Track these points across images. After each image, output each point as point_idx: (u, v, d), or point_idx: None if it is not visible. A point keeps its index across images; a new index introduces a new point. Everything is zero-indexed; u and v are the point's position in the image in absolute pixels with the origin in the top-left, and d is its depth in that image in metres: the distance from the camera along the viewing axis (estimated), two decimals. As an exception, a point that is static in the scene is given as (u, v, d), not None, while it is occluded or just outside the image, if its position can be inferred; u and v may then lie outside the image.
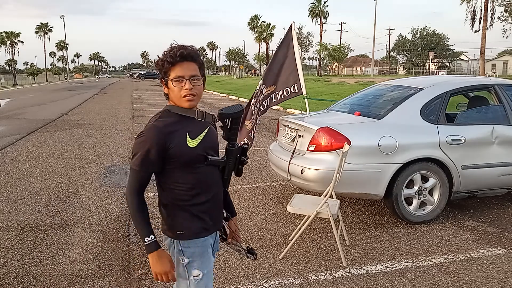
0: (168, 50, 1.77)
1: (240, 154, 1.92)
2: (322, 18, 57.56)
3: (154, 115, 1.86)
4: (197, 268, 1.85)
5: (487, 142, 4.46)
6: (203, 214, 1.85)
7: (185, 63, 1.76)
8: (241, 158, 1.92)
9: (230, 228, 2.10)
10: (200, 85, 1.81)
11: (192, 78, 1.76)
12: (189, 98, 1.77)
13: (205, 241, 1.88)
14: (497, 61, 60.66)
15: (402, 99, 4.58)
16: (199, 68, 1.80)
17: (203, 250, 1.87)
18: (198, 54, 1.82)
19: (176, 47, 1.77)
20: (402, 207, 4.26)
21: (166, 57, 1.76)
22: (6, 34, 66.98)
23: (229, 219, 2.10)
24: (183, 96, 1.77)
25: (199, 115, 1.82)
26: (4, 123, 13.44)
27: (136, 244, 3.96)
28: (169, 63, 1.75)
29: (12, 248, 3.88)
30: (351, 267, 3.45)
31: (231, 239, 2.11)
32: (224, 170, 1.91)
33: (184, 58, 1.75)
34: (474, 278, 3.26)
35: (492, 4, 32.61)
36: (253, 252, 2.09)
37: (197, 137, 1.82)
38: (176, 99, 1.79)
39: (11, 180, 6.32)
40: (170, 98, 1.82)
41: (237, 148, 1.88)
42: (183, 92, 1.76)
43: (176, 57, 1.74)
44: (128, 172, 6.67)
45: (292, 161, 4.48)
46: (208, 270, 1.89)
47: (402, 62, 71.90)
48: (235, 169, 1.93)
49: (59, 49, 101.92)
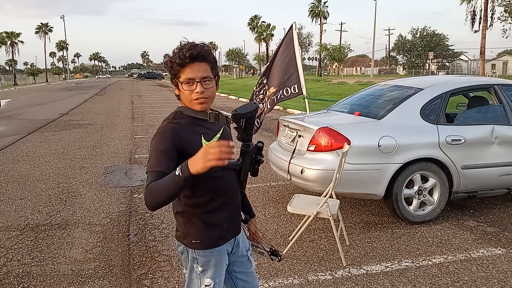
0: (177, 50, 1.67)
1: (256, 153, 1.79)
2: (322, 18, 57.63)
3: (166, 117, 1.77)
4: (209, 277, 1.79)
5: (487, 142, 4.46)
6: (219, 221, 1.78)
7: (196, 64, 1.65)
8: (257, 158, 1.79)
9: (250, 230, 2.04)
10: (213, 87, 1.72)
11: (204, 80, 1.67)
12: (200, 101, 1.68)
13: (220, 250, 1.81)
14: (497, 61, 60.67)
15: (402, 99, 4.58)
16: (211, 68, 1.70)
17: (218, 260, 1.81)
18: (210, 52, 1.71)
19: (186, 47, 1.66)
20: (402, 207, 4.26)
21: (175, 58, 1.65)
22: (6, 34, 66.94)
23: (247, 221, 2.03)
24: (194, 99, 1.68)
25: (212, 117, 1.74)
26: (4, 123, 13.44)
27: (136, 244, 3.97)
28: (179, 65, 1.65)
29: (12, 248, 3.88)
30: (351, 267, 3.45)
31: (252, 241, 2.05)
32: (240, 172, 1.80)
33: (195, 58, 1.65)
34: (474, 278, 3.26)
35: (492, 4, 32.64)
36: (277, 254, 2.00)
37: (212, 139, 1.74)
38: (187, 102, 1.71)
39: (11, 180, 6.33)
40: (182, 100, 1.74)
41: (253, 148, 1.77)
42: (194, 96, 1.68)
43: (186, 58, 1.64)
44: (128, 172, 6.70)
45: (292, 161, 4.48)
46: (220, 279, 1.83)
47: (402, 62, 71.94)
48: (251, 170, 1.82)
49: (59, 49, 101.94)
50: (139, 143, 9.43)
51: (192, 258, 1.80)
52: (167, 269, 3.45)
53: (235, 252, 1.92)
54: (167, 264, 3.53)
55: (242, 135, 1.70)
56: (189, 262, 1.81)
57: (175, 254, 3.70)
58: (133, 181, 6.18)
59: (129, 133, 10.89)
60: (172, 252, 3.75)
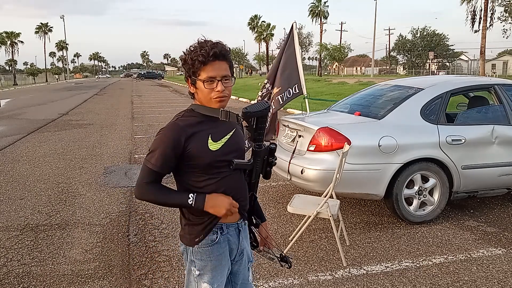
0: (198, 47, 1.64)
1: (268, 155, 1.76)
2: (322, 18, 57.62)
3: (177, 113, 1.75)
4: (206, 282, 1.74)
5: (487, 142, 4.46)
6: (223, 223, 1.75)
7: (217, 62, 1.64)
8: (269, 159, 1.76)
9: (261, 234, 1.95)
10: (231, 86, 1.71)
11: (224, 79, 1.66)
12: (220, 99, 1.67)
13: (219, 255, 1.76)
14: (497, 61, 60.71)
15: (402, 99, 4.58)
16: (229, 67, 1.70)
17: (216, 264, 1.75)
18: (229, 52, 1.71)
19: (208, 44, 1.64)
20: (402, 207, 4.26)
21: (198, 55, 1.62)
22: (6, 34, 66.94)
23: (259, 225, 1.94)
24: (214, 98, 1.66)
25: (223, 114, 1.70)
26: (4, 123, 13.44)
27: (136, 244, 3.96)
28: (201, 63, 1.63)
29: (12, 248, 3.88)
30: (351, 267, 3.45)
31: (263, 246, 1.97)
32: (252, 173, 1.77)
33: (217, 57, 1.63)
34: (474, 278, 3.26)
35: (492, 4, 32.60)
36: (287, 260, 1.90)
37: (221, 139, 1.71)
38: (205, 100, 1.69)
39: (11, 180, 6.32)
40: (198, 98, 1.72)
41: (265, 149, 1.73)
42: (214, 94, 1.66)
43: (209, 56, 1.62)
44: (128, 172, 6.70)
45: (292, 161, 4.48)
46: (219, 285, 1.77)
47: (402, 62, 71.89)
48: (263, 172, 1.78)
49: (59, 49, 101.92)
50: (139, 143, 9.43)
51: (190, 260, 1.77)
52: (167, 269, 3.45)
53: (238, 260, 1.86)
54: (167, 264, 3.53)
55: (254, 134, 1.69)
56: (188, 264, 1.79)
57: (175, 254, 3.70)
58: (133, 181, 6.17)
59: (129, 133, 10.89)
60: (172, 252, 3.75)
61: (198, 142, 1.66)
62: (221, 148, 1.70)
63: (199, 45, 1.65)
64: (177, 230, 4.26)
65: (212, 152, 1.67)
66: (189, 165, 1.68)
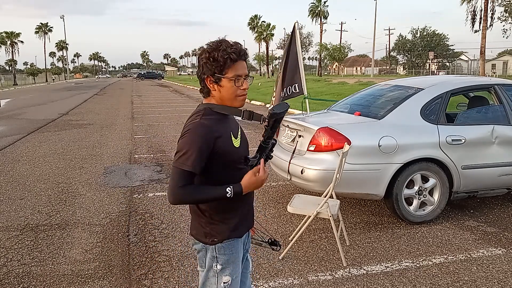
0: (227, 46, 1.67)
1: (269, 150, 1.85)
2: (322, 18, 57.58)
3: (193, 113, 1.77)
4: (228, 274, 1.81)
5: (487, 142, 4.46)
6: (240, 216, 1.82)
7: (242, 61, 1.71)
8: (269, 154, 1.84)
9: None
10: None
11: (247, 77, 1.73)
12: (244, 97, 1.74)
13: (238, 248, 1.85)
14: (497, 61, 60.71)
15: (402, 99, 4.58)
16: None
17: (236, 257, 1.84)
18: None
19: (233, 43, 1.69)
20: (402, 207, 4.26)
21: (229, 53, 1.65)
22: (6, 34, 66.91)
23: None
24: (239, 96, 1.72)
25: (246, 114, 1.75)
26: (4, 123, 13.43)
27: (136, 244, 3.96)
28: (232, 60, 1.66)
29: (12, 248, 3.87)
30: (351, 267, 3.45)
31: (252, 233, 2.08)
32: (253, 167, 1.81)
33: (243, 56, 1.71)
34: (474, 278, 3.26)
35: (492, 4, 32.59)
36: (277, 243, 2.01)
37: (238, 136, 1.78)
38: (229, 98, 1.72)
39: (11, 180, 6.32)
40: (218, 96, 1.73)
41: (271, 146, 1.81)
42: (240, 92, 1.71)
43: (240, 55, 1.68)
44: (128, 172, 6.69)
45: (292, 161, 4.48)
46: (237, 276, 1.86)
47: (402, 62, 71.91)
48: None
49: (59, 49, 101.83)
50: (138, 143, 9.43)
51: (212, 257, 1.80)
52: (167, 269, 3.45)
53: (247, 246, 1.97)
54: (167, 264, 3.53)
55: (269, 132, 1.73)
56: (207, 260, 1.81)
57: (175, 254, 3.70)
58: (133, 181, 6.18)
59: (129, 133, 10.89)
60: (172, 252, 3.75)
61: (225, 140, 1.71)
62: (241, 144, 1.79)
63: (225, 44, 1.68)
64: (177, 230, 4.27)
65: (236, 149, 1.75)
66: (213, 164, 1.70)
